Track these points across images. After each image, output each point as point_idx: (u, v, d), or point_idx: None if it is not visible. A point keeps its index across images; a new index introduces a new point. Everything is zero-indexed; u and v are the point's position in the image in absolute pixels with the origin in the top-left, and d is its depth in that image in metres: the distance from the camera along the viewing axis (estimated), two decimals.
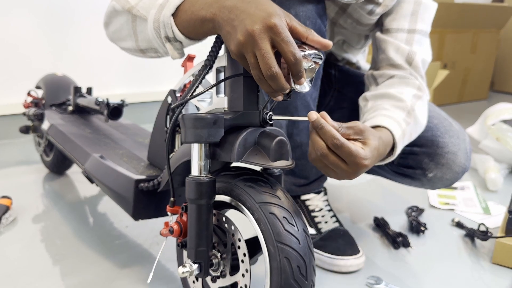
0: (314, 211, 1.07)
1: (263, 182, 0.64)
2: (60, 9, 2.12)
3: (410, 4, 0.93)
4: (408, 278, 0.96)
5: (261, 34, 0.55)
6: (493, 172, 1.52)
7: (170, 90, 0.87)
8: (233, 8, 0.58)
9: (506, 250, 1.00)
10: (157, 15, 0.68)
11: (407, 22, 0.93)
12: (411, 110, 0.87)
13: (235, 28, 0.57)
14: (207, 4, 0.62)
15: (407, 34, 0.93)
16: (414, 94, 0.90)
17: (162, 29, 0.68)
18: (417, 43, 0.93)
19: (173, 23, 0.67)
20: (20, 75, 2.05)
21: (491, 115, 1.69)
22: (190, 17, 0.64)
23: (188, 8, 0.65)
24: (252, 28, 0.55)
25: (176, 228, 0.70)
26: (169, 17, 0.66)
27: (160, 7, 0.67)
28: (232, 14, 0.58)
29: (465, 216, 1.27)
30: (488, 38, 3.13)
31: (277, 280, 0.59)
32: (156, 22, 0.68)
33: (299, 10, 0.83)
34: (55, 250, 1.05)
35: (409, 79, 0.92)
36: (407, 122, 0.85)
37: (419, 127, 0.90)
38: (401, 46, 0.92)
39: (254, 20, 0.55)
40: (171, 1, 0.66)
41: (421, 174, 0.99)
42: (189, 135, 0.62)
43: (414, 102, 0.88)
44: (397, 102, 0.87)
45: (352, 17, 0.97)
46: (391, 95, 0.89)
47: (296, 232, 0.60)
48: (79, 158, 1.11)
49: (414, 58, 0.92)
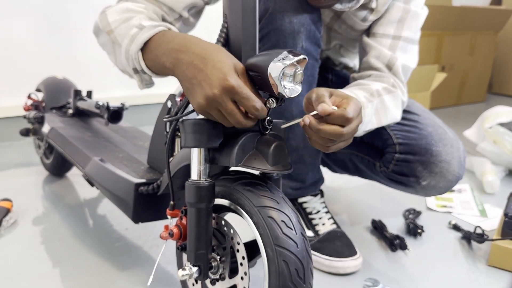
0: (312, 213, 1.08)
1: (262, 186, 0.65)
2: (60, 12, 2.13)
3: (399, 11, 0.95)
4: (405, 280, 0.97)
5: (222, 97, 0.58)
6: (490, 175, 1.53)
7: (170, 95, 0.88)
8: (190, 65, 0.60)
9: (502, 253, 1.01)
10: (128, 46, 0.70)
11: (393, 29, 0.95)
12: (376, 92, 0.89)
13: (194, 88, 0.60)
14: (168, 51, 0.64)
15: (391, 40, 0.95)
16: (384, 87, 0.92)
17: (130, 61, 0.71)
18: (401, 49, 0.95)
19: (140, 58, 0.69)
20: (20, 78, 2.06)
21: (488, 118, 1.70)
22: (154, 59, 0.67)
23: (154, 48, 0.67)
24: (212, 92, 0.57)
25: (176, 231, 0.71)
26: (136, 52, 0.69)
27: (131, 39, 0.70)
28: (188, 72, 0.60)
29: (462, 219, 1.28)
30: (486, 41, 3.14)
31: (276, 283, 0.60)
32: (127, 53, 0.70)
33: (293, 18, 0.84)
34: (55, 252, 1.06)
35: (383, 77, 0.94)
36: (368, 99, 0.86)
37: (389, 114, 0.92)
38: (383, 52, 0.94)
39: (213, 84, 0.57)
40: (139, 36, 0.68)
41: (414, 182, 0.99)
42: (189, 140, 0.63)
43: (381, 91, 0.90)
44: (362, 85, 0.90)
45: (346, 23, 0.98)
46: (359, 83, 0.92)
47: (294, 236, 0.61)
48: (79, 161, 1.12)
49: (394, 63, 0.94)
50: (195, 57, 0.60)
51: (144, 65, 0.69)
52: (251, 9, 0.63)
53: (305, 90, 0.91)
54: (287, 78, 0.59)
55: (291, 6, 0.83)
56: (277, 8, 0.83)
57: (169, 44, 0.65)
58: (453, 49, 2.98)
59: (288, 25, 0.84)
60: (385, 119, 0.92)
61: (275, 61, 0.58)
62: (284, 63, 0.58)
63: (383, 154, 1.04)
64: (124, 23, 0.73)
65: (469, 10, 2.90)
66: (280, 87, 0.59)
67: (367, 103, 0.85)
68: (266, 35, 0.85)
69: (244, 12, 0.63)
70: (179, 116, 0.65)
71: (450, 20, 2.83)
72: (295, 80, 0.61)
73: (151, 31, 0.68)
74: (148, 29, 0.69)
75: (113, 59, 0.80)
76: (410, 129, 1.00)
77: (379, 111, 0.90)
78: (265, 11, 0.84)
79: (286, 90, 0.60)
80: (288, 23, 0.83)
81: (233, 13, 0.64)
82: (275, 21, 0.84)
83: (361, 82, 0.92)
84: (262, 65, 0.59)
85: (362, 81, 0.93)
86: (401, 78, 0.96)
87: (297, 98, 0.90)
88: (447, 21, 2.82)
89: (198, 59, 0.60)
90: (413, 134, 0.99)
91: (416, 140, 0.98)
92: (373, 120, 0.90)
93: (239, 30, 0.63)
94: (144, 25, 0.70)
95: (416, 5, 0.96)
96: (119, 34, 0.73)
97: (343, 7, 0.88)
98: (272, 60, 0.58)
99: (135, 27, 0.71)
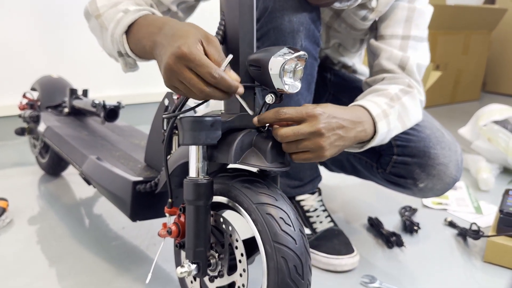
0: (309, 211, 1.08)
1: (260, 183, 0.65)
2: (56, 11, 2.12)
3: (404, 11, 0.93)
4: (402, 276, 0.98)
5: (176, 65, 0.57)
6: (485, 172, 1.54)
7: (167, 93, 0.88)
8: (158, 44, 0.63)
9: (497, 249, 1.02)
10: (113, 30, 0.72)
11: (401, 29, 0.93)
12: (395, 97, 0.86)
13: (159, 64, 0.61)
14: (148, 34, 0.66)
15: (401, 41, 0.93)
16: (401, 88, 0.89)
17: (115, 44, 0.73)
18: (411, 48, 0.93)
19: (125, 41, 0.72)
20: (16, 77, 2.05)
21: (483, 116, 1.71)
22: (136, 42, 0.70)
23: (136, 32, 0.70)
24: (166, 62, 0.58)
25: (174, 229, 0.71)
26: (121, 35, 0.71)
27: (116, 23, 0.72)
28: (157, 49, 0.62)
29: (458, 216, 1.29)
30: (480, 40, 3.16)
31: (274, 280, 0.60)
32: (112, 36, 0.73)
33: (293, 17, 0.84)
34: (52, 251, 1.05)
35: (398, 79, 0.92)
36: (390, 105, 0.83)
37: (412, 116, 0.89)
38: (394, 53, 0.92)
39: (167, 54, 0.58)
40: (124, 19, 0.71)
41: (412, 184, 1.00)
42: (187, 138, 0.63)
43: (399, 94, 0.88)
44: (380, 91, 0.87)
45: (346, 22, 0.98)
46: (376, 89, 0.89)
47: (292, 232, 0.61)
48: (76, 160, 1.12)
49: (407, 63, 0.92)
50: (165, 37, 0.61)
51: (128, 48, 0.72)
52: (248, 6, 0.64)
53: (304, 88, 0.92)
54: (287, 74, 0.60)
55: (291, 5, 0.83)
56: (276, 7, 0.83)
57: (149, 27, 0.67)
58: (447, 48, 2.99)
59: (287, 24, 0.84)
60: (409, 121, 0.89)
61: (276, 56, 0.60)
62: (285, 57, 0.59)
63: (381, 156, 1.04)
64: (111, 8, 0.76)
65: (463, 9, 2.92)
66: (280, 82, 0.60)
67: (389, 109, 0.82)
68: (266, 34, 0.85)
69: (242, 9, 0.63)
70: (178, 113, 0.65)
71: (444, 19, 2.85)
72: (295, 76, 0.61)
73: (135, 14, 0.70)
74: (133, 13, 0.71)
75: (101, 43, 0.82)
76: (408, 131, 1.00)
77: (401, 115, 0.87)
78: (265, 9, 0.84)
79: (286, 85, 0.61)
80: (287, 22, 0.83)
81: (231, 10, 0.64)
82: (274, 20, 0.84)
83: (377, 88, 0.89)
84: (263, 60, 0.60)
85: (378, 87, 0.90)
86: (416, 77, 0.93)
87: (296, 97, 0.90)
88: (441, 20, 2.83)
89: (166, 38, 0.61)
90: (411, 136, 0.99)
91: (414, 143, 0.98)
92: (398, 125, 0.86)
93: (237, 27, 0.64)
94: (129, 10, 0.72)
95: (421, 3, 0.94)
96: (106, 18, 0.75)
97: (342, 5, 0.89)
98: (273, 55, 0.60)
99: (121, 11, 0.73)
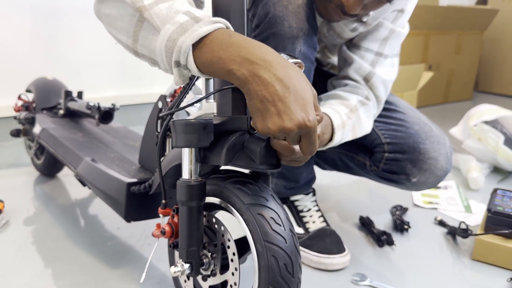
0: (303, 211, 1.10)
1: (251, 185, 0.67)
2: (51, 12, 2.12)
3: (386, 31, 0.99)
4: (392, 274, 1.00)
5: (297, 134, 0.56)
6: (475, 172, 1.56)
7: (160, 96, 0.90)
8: (270, 87, 0.54)
9: (485, 247, 1.04)
10: (174, 35, 0.58)
11: (377, 45, 0.99)
12: (354, 108, 0.96)
13: (269, 114, 0.56)
14: (240, 59, 0.56)
15: (374, 56, 1.00)
16: (360, 100, 0.98)
17: (175, 53, 0.58)
18: (380, 65, 1.00)
19: (190, 53, 0.58)
20: (11, 79, 2.05)
21: (473, 116, 1.74)
22: (216, 61, 0.57)
23: (214, 49, 0.57)
24: (289, 127, 0.55)
25: (167, 229, 0.72)
26: (189, 46, 0.57)
27: (180, 28, 0.58)
28: (267, 93, 0.55)
29: (448, 215, 1.31)
30: (472, 40, 3.19)
31: (265, 278, 0.62)
32: (171, 42, 0.58)
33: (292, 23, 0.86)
34: (47, 252, 1.06)
35: (359, 89, 0.99)
36: (349, 116, 0.94)
37: (363, 128, 0.99)
38: (363, 66, 0.99)
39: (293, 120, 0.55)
40: (195, 28, 0.57)
41: (405, 179, 1.03)
42: (180, 140, 0.64)
43: (358, 105, 0.97)
44: (343, 100, 0.96)
45: (334, 30, 1.00)
46: (339, 95, 0.98)
47: (283, 232, 0.63)
48: (71, 161, 1.13)
49: (372, 77, 0.99)
50: (277, 81, 0.54)
51: (192, 62, 0.58)
52: (239, 11, 0.65)
53: None
54: None
55: (290, 11, 0.85)
56: (277, 13, 0.84)
57: (240, 50, 0.56)
58: (440, 48, 3.02)
59: (287, 30, 0.85)
60: (360, 131, 0.98)
61: None
62: None
63: (373, 154, 1.06)
64: (163, 2, 0.60)
65: (455, 10, 2.95)
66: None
67: (347, 120, 0.93)
68: (266, 40, 0.87)
69: (233, 15, 0.65)
70: (174, 110, 0.66)
71: (437, 20, 2.87)
72: None
73: (210, 26, 0.58)
74: (206, 23, 0.58)
75: (127, 39, 0.64)
76: (397, 128, 1.04)
77: (355, 126, 0.96)
78: (265, 15, 0.85)
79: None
80: (287, 28, 0.85)
81: (222, 16, 0.65)
82: (274, 25, 0.85)
83: (340, 95, 0.98)
84: None
85: (341, 94, 0.98)
86: (377, 92, 1.01)
87: None
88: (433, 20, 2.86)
89: (280, 85, 0.54)
90: (400, 133, 1.03)
91: (404, 139, 1.01)
92: (349, 135, 0.96)
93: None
94: (197, 15, 0.59)
95: (400, 25, 1.00)
96: (158, 15, 0.59)
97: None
98: None
99: (183, 13, 0.59)
